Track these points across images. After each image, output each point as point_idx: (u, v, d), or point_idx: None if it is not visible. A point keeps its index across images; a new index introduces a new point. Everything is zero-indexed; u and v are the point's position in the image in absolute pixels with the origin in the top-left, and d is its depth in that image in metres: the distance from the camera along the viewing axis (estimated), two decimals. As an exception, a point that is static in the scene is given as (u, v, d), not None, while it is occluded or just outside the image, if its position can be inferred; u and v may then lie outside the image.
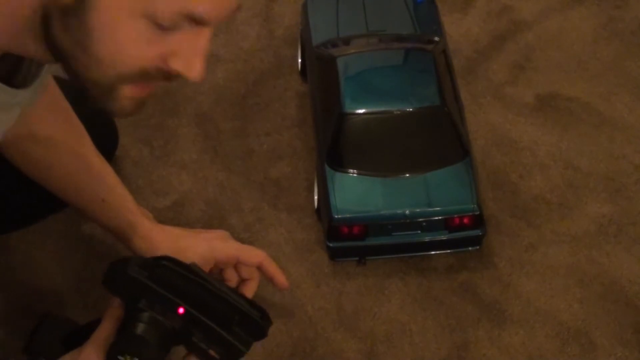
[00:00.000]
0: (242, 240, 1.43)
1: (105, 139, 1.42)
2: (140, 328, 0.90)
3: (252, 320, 0.94)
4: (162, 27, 0.77)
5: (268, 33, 1.71)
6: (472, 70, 1.65)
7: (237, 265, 1.12)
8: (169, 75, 0.81)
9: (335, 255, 1.39)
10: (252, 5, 1.75)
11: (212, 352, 0.92)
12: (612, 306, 1.34)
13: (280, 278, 1.13)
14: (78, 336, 0.98)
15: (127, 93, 0.82)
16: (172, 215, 1.45)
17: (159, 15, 0.75)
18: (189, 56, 0.79)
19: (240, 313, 0.93)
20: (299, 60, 1.62)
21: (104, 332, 0.95)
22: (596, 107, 1.59)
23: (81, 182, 1.16)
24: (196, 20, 0.77)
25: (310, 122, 1.52)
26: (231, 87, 1.63)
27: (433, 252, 1.39)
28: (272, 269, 1.13)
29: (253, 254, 1.12)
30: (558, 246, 1.41)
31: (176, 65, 0.80)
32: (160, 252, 1.03)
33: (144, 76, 0.80)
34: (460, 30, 1.71)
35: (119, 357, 0.90)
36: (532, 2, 1.76)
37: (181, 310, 0.91)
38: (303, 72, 1.61)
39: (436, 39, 1.50)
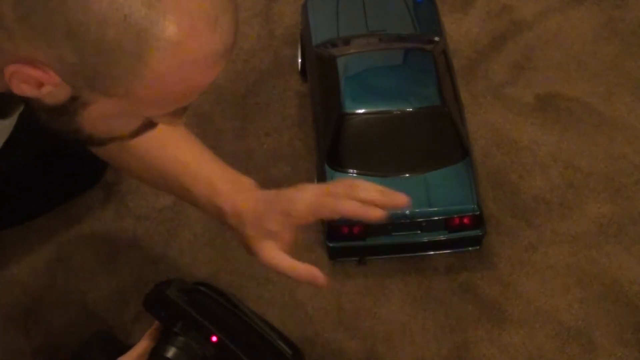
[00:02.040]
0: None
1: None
2: (172, 352, 0.91)
3: (282, 356, 0.94)
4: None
5: (268, 33, 1.71)
6: (472, 70, 1.65)
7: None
8: (154, 125, 0.85)
9: (335, 255, 1.39)
10: (252, 5, 1.75)
11: None
12: (612, 306, 1.34)
13: (363, 209, 0.99)
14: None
15: (115, 142, 0.86)
16: (172, 215, 1.45)
17: (145, 115, 0.81)
18: (172, 119, 0.83)
19: (272, 347, 0.93)
20: (299, 60, 1.62)
21: (139, 350, 0.96)
22: (596, 107, 1.59)
23: (163, 172, 1.12)
24: (179, 111, 0.81)
25: (310, 122, 1.52)
26: (231, 87, 1.63)
27: (433, 252, 1.39)
28: (350, 205, 0.99)
29: (324, 201, 1.00)
30: (558, 246, 1.41)
31: (161, 122, 0.84)
32: (244, 228, 1.02)
33: (133, 135, 0.85)
34: (460, 30, 1.71)
35: None
36: (532, 2, 1.76)
37: (214, 338, 0.91)
38: (303, 72, 1.61)
39: (436, 39, 1.50)
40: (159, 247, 1.42)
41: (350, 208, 0.99)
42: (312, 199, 1.01)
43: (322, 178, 1.38)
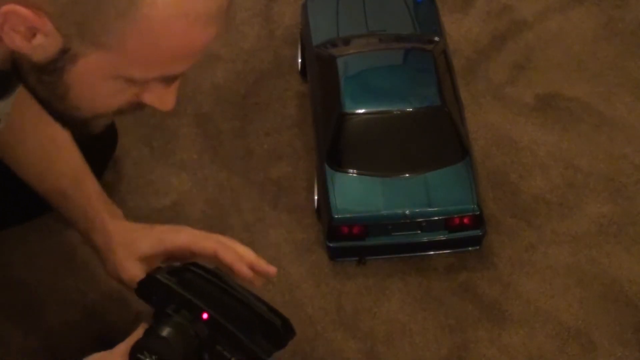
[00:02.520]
0: (242, 241, 1.43)
1: (104, 139, 1.42)
2: (165, 331, 0.92)
3: (273, 326, 0.95)
4: (136, 82, 0.80)
5: (268, 33, 1.71)
6: (472, 70, 1.65)
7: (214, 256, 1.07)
8: (142, 106, 0.84)
9: (335, 255, 1.39)
10: (252, 5, 1.75)
11: None
12: (612, 306, 1.34)
13: (244, 268, 1.04)
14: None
15: (102, 122, 0.86)
16: (172, 215, 1.45)
17: (133, 78, 0.79)
18: (162, 94, 0.83)
19: (261, 319, 0.94)
20: (299, 60, 1.62)
21: (136, 337, 0.96)
22: (596, 107, 1.59)
23: (44, 171, 1.15)
24: (169, 79, 0.80)
25: (310, 122, 1.52)
26: (231, 87, 1.63)
27: (433, 252, 1.39)
28: (230, 256, 1.04)
29: (204, 244, 1.06)
30: (558, 246, 1.41)
31: (149, 100, 0.83)
32: (113, 245, 1.07)
33: (118, 112, 0.84)
34: (460, 30, 1.71)
35: (139, 356, 0.91)
36: (532, 2, 1.76)
37: (205, 315, 0.92)
38: (303, 72, 1.61)
39: (436, 39, 1.50)
40: (159, 247, 1.42)
41: (229, 257, 1.04)
42: (191, 236, 1.08)
43: (322, 178, 1.38)
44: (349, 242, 1.36)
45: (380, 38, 1.51)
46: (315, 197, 1.43)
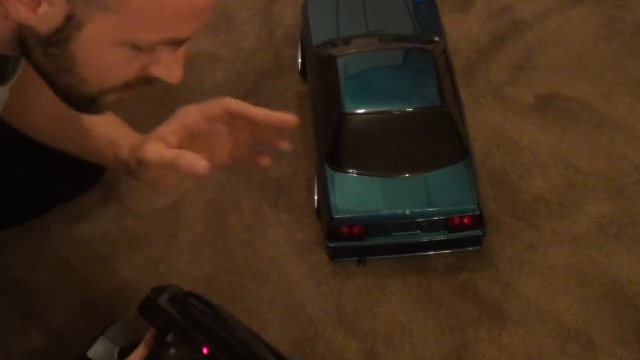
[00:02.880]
0: (242, 240, 1.43)
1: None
2: None
3: None
4: (142, 49, 0.79)
5: (268, 33, 1.71)
6: (472, 70, 1.65)
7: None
8: (150, 80, 0.83)
9: (335, 255, 1.39)
10: (252, 5, 1.75)
11: None
12: (612, 306, 1.34)
13: (261, 113, 1.00)
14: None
15: (109, 99, 0.84)
16: (172, 215, 1.45)
17: (139, 43, 0.77)
18: (169, 64, 0.82)
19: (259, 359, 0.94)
20: (299, 60, 1.62)
21: (136, 357, 0.95)
22: (596, 107, 1.59)
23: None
24: (176, 43, 0.79)
25: (310, 122, 1.52)
26: (231, 87, 1.63)
27: (433, 252, 1.39)
28: (244, 106, 1.01)
29: (213, 105, 1.02)
30: (558, 246, 1.41)
31: (157, 72, 0.82)
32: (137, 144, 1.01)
33: (126, 86, 0.83)
34: (460, 30, 1.71)
35: None
36: (532, 2, 1.76)
37: (205, 351, 0.92)
38: (303, 72, 1.61)
39: (436, 39, 1.50)
40: (159, 247, 1.42)
41: (241, 105, 1.00)
42: (198, 105, 1.03)
43: (322, 178, 1.38)
44: (349, 242, 1.36)
45: (380, 38, 1.51)
46: (315, 197, 1.43)
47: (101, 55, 0.78)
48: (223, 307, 0.97)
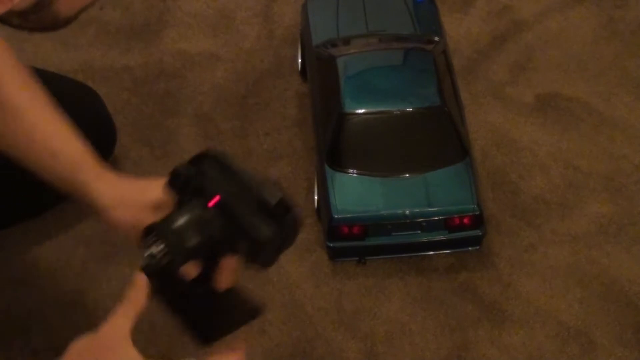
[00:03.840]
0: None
1: (104, 136, 1.42)
2: (179, 222, 0.92)
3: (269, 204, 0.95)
4: None
5: (268, 33, 1.71)
6: (472, 70, 1.65)
7: None
8: None
9: (335, 255, 1.39)
10: (252, 5, 1.75)
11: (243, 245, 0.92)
12: (612, 306, 1.34)
13: None
14: None
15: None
16: (172, 215, 1.45)
17: None
18: None
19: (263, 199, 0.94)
20: (299, 60, 1.62)
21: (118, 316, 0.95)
22: (596, 107, 1.59)
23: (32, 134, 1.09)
24: None
25: (310, 122, 1.52)
26: (231, 87, 1.63)
27: (433, 252, 1.39)
28: None
29: None
30: (558, 246, 1.41)
31: None
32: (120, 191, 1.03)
33: None
34: (460, 30, 1.71)
35: (148, 238, 0.93)
36: (532, 2, 1.76)
37: (216, 199, 0.93)
38: (303, 72, 1.61)
39: (436, 39, 1.50)
40: (159, 247, 1.41)
41: None
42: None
43: (322, 178, 1.38)
44: (349, 242, 1.36)
45: (380, 38, 1.51)
46: (315, 197, 1.43)
47: None
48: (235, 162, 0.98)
